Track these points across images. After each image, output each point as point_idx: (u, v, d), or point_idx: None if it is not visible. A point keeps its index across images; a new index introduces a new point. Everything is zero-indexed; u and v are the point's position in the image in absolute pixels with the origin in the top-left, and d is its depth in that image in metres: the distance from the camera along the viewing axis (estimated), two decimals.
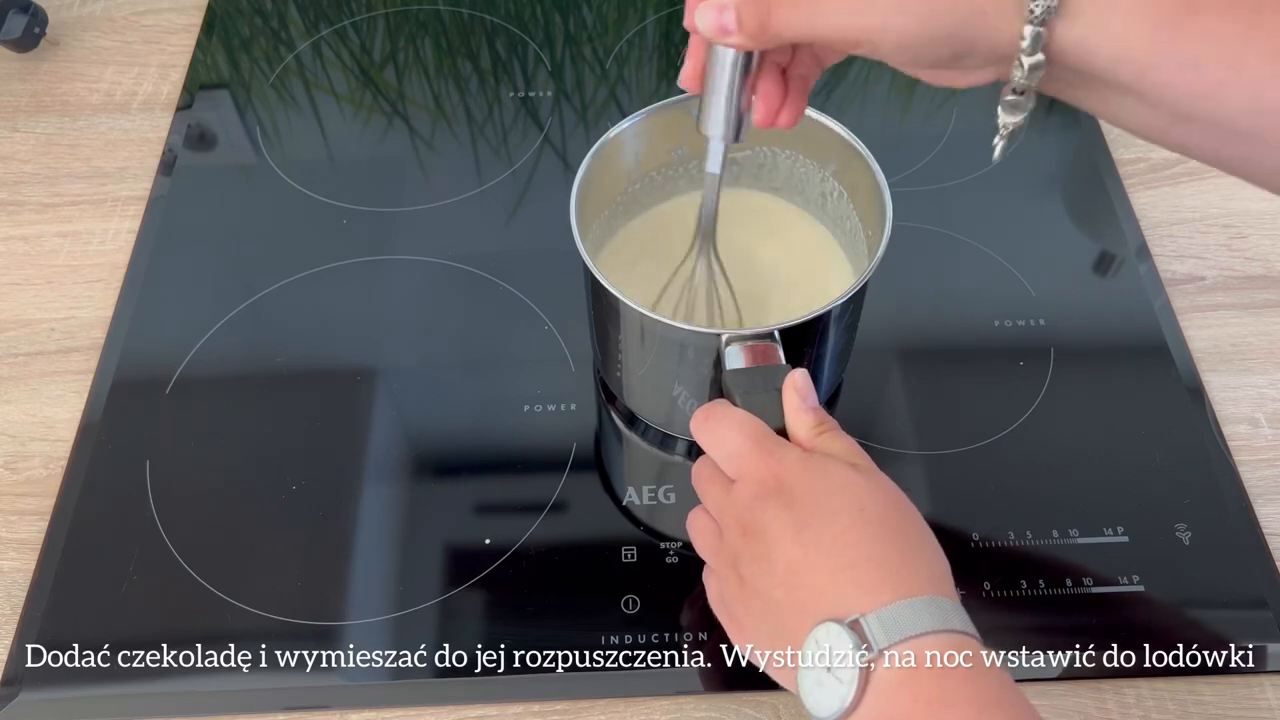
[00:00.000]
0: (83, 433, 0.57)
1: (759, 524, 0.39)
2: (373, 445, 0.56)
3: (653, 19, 0.79)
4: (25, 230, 0.67)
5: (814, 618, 0.36)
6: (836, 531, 0.38)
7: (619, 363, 0.53)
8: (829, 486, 0.39)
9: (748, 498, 0.40)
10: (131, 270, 0.64)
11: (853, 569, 0.37)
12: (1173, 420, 0.57)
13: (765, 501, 0.39)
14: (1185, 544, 0.52)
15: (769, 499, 0.39)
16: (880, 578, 0.36)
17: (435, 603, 0.50)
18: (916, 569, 0.37)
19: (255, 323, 0.61)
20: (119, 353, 0.60)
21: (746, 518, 0.40)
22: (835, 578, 0.37)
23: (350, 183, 0.69)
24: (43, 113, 0.74)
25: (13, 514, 0.54)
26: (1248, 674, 0.49)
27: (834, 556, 0.37)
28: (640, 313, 0.47)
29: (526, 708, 0.48)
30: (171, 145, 0.71)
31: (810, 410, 0.43)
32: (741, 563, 0.40)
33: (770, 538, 0.39)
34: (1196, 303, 0.62)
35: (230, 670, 0.49)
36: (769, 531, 0.39)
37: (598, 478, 0.55)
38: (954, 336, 0.61)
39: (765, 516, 0.39)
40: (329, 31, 0.79)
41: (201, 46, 0.78)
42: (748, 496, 0.40)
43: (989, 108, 0.40)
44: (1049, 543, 0.52)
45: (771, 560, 0.38)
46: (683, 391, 0.51)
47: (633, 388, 0.54)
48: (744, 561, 0.40)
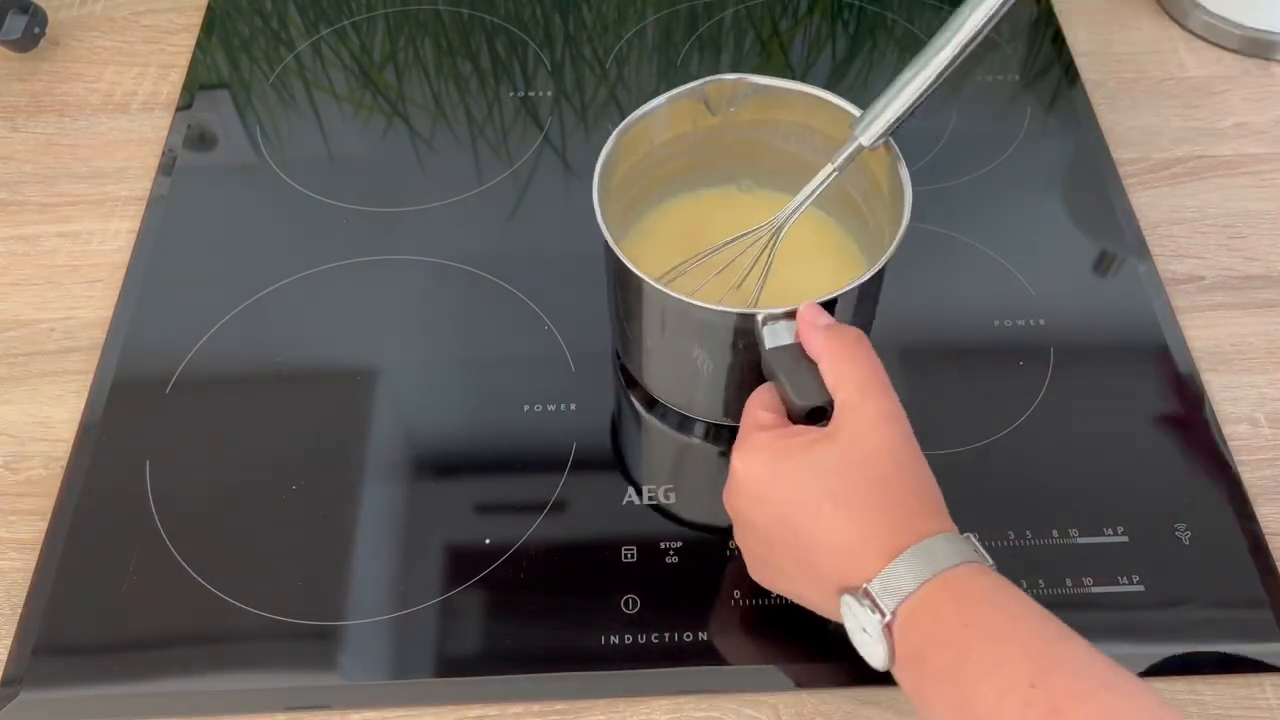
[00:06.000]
0: (83, 433, 0.57)
1: (753, 522, 0.44)
2: (373, 445, 0.56)
3: (653, 19, 0.79)
4: (25, 230, 0.67)
5: (834, 587, 0.41)
6: (815, 520, 0.42)
7: (642, 346, 0.53)
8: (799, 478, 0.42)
9: (734, 497, 0.45)
10: (131, 270, 0.64)
11: (834, 552, 0.41)
12: (1172, 420, 0.57)
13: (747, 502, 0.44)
14: (1185, 544, 0.52)
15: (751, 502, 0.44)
16: (866, 548, 0.40)
17: (435, 603, 0.50)
18: (894, 522, 0.40)
19: (255, 323, 0.61)
20: (119, 353, 0.60)
21: (741, 515, 0.45)
22: (829, 558, 0.41)
23: (350, 183, 0.69)
24: (42, 113, 0.73)
25: (12, 514, 0.54)
26: (1248, 674, 0.49)
27: (818, 541, 0.41)
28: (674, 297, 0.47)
29: (526, 707, 0.48)
30: (171, 145, 0.71)
31: (821, 330, 0.45)
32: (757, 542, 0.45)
33: (764, 532, 0.44)
34: (1196, 302, 0.62)
35: (230, 670, 0.49)
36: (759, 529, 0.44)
37: (598, 478, 0.55)
38: (954, 336, 0.61)
39: (754, 515, 0.44)
40: (329, 31, 0.79)
41: (201, 46, 0.78)
42: (734, 496, 0.45)
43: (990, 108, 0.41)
44: (1049, 542, 0.52)
45: (773, 547, 0.44)
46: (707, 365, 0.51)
47: (654, 370, 0.55)
48: (757, 542, 0.45)
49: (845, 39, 0.78)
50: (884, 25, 0.79)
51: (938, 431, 0.56)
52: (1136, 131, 0.71)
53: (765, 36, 0.79)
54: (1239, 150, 0.70)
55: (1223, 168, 0.69)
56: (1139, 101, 0.73)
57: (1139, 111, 0.72)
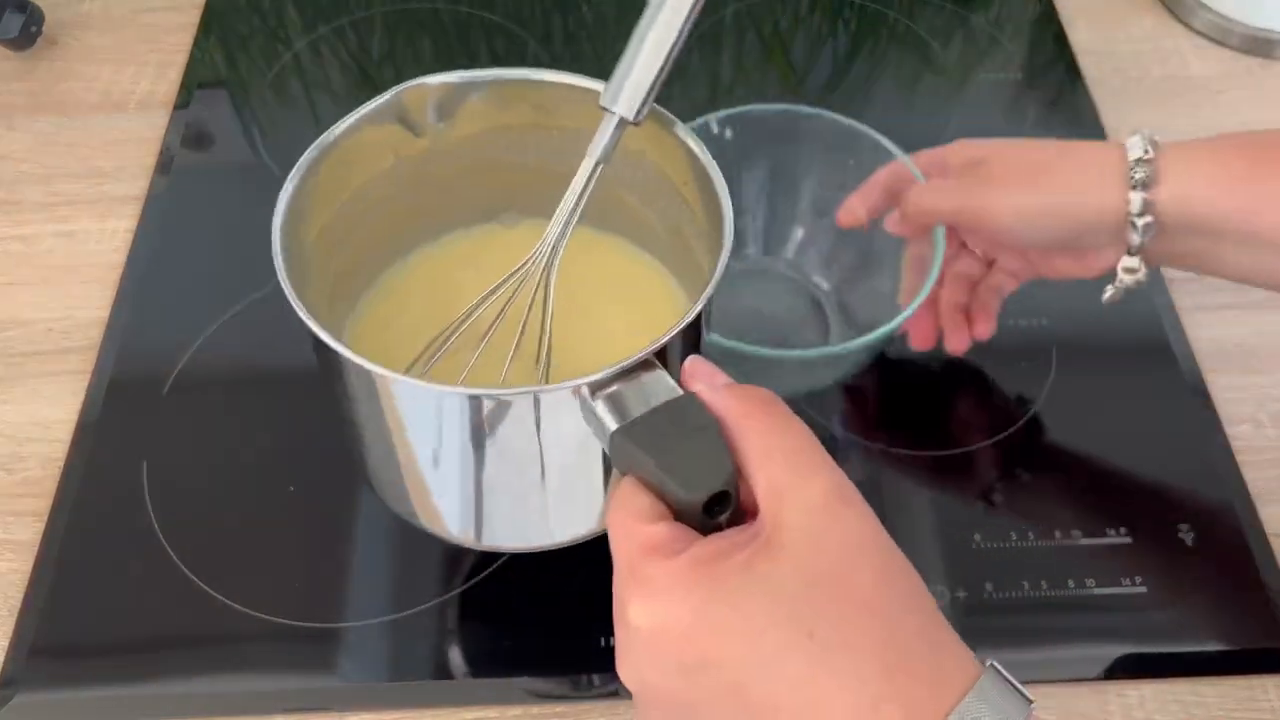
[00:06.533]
0: (80, 433, 0.56)
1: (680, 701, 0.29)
2: None
3: None
4: (22, 230, 0.66)
5: None
6: (786, 684, 0.28)
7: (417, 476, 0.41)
8: (751, 619, 0.28)
9: (646, 669, 0.30)
10: (129, 270, 0.64)
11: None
12: (1176, 420, 0.57)
13: (671, 675, 0.29)
14: (1188, 545, 0.52)
15: (678, 674, 0.29)
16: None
17: (434, 604, 0.50)
18: (909, 670, 0.28)
19: (253, 323, 0.61)
20: (116, 353, 0.59)
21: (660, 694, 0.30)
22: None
23: None
24: (39, 112, 0.73)
25: (10, 515, 0.54)
26: (1250, 675, 0.48)
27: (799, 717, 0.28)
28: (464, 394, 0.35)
29: (526, 710, 0.48)
30: (169, 144, 0.71)
31: (724, 390, 0.33)
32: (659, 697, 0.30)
33: (702, 709, 0.29)
34: (1200, 302, 0.62)
35: (227, 672, 0.49)
36: (696, 703, 0.29)
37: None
38: None
39: (682, 691, 0.29)
40: (327, 30, 0.79)
41: (199, 45, 0.77)
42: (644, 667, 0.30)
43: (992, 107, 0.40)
44: (1051, 544, 0.52)
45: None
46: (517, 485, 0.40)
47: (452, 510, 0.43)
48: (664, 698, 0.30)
49: (846, 37, 0.78)
50: (886, 23, 0.79)
51: (939, 432, 0.56)
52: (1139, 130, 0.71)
53: (766, 35, 0.78)
54: None
55: None
56: (1142, 100, 0.73)
57: (1142, 110, 0.72)
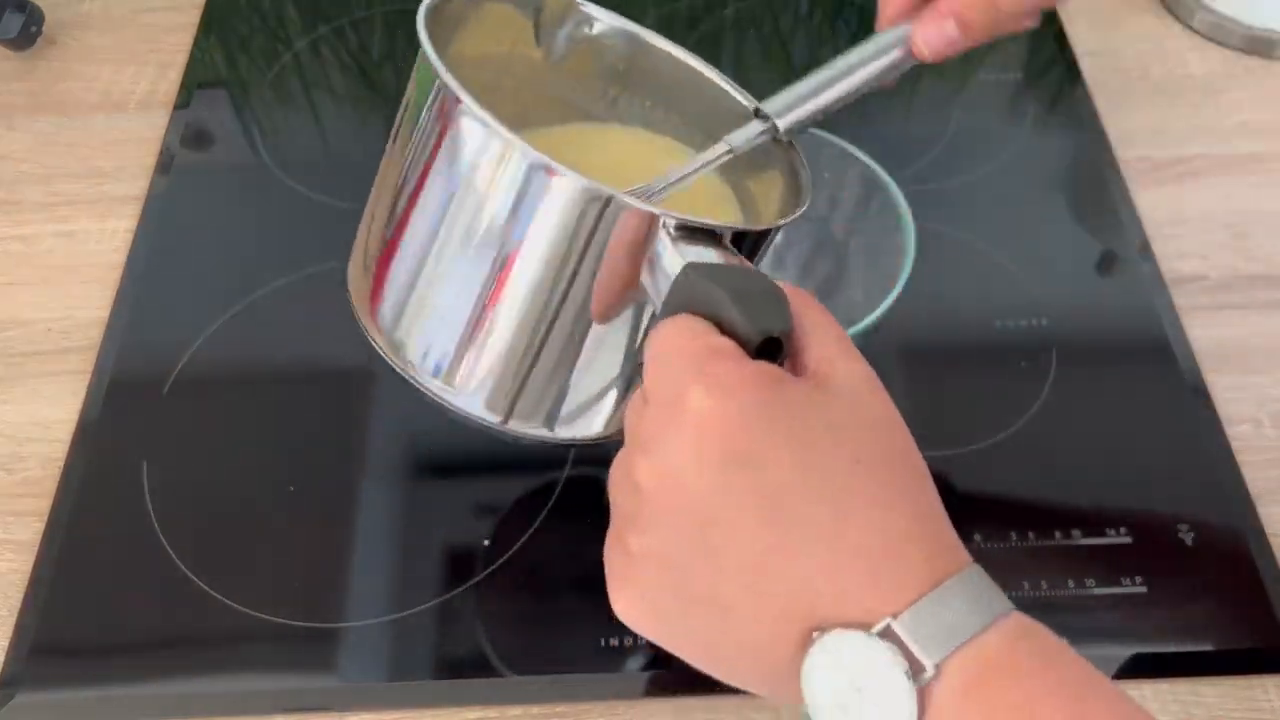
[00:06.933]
0: (80, 433, 0.56)
1: (705, 501, 0.28)
2: (371, 446, 0.56)
3: (653, 17, 0.79)
4: (22, 230, 0.66)
5: (802, 623, 0.28)
6: (834, 500, 0.28)
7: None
8: (810, 432, 0.28)
9: (686, 455, 0.28)
10: (129, 270, 0.64)
11: (857, 556, 0.28)
12: (1175, 421, 0.57)
13: (711, 468, 0.28)
14: (1188, 545, 0.52)
15: (721, 468, 0.28)
16: (896, 563, 0.28)
17: (435, 604, 0.50)
18: (933, 526, 0.29)
19: (253, 322, 0.61)
20: (116, 353, 0.59)
21: (685, 489, 0.29)
22: (832, 564, 0.28)
23: (349, 182, 0.68)
24: (39, 111, 0.73)
25: (9, 515, 0.54)
26: (1250, 675, 0.48)
27: (825, 539, 0.28)
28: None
29: (526, 710, 0.48)
30: (169, 144, 0.71)
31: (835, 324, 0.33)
32: (680, 544, 0.29)
33: (725, 518, 0.28)
34: (1199, 302, 0.62)
35: (228, 672, 0.49)
36: (722, 509, 0.28)
37: (599, 478, 0.55)
38: (955, 336, 0.61)
39: (714, 489, 0.28)
40: (327, 30, 0.79)
41: (199, 45, 0.77)
42: (687, 453, 0.28)
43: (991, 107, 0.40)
44: (1051, 543, 0.52)
45: (716, 552, 0.28)
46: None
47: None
48: (681, 542, 0.29)
49: (847, 36, 0.78)
50: None
51: (939, 432, 0.56)
52: (1139, 130, 0.71)
53: (766, 34, 0.78)
54: (1243, 150, 0.70)
55: (1226, 167, 0.69)
56: (1142, 100, 0.73)
57: (1142, 110, 0.72)
